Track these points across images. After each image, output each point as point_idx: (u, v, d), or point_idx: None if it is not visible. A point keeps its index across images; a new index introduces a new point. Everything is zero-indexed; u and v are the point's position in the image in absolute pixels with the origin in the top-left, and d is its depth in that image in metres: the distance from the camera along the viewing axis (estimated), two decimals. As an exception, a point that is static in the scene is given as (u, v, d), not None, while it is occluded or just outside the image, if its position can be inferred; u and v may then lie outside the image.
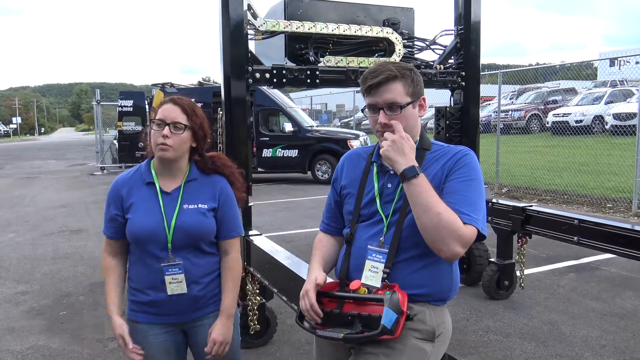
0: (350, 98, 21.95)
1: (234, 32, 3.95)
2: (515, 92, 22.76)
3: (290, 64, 4.36)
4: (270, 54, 4.59)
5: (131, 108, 16.61)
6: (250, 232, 3.82)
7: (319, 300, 1.70)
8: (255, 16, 4.12)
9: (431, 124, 5.73)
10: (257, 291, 3.73)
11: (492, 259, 4.84)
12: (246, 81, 4.02)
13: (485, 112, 19.38)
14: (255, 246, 3.54)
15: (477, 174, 1.70)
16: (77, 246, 7.13)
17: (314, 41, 4.39)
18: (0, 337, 4.14)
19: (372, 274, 1.70)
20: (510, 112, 19.37)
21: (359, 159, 1.91)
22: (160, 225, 1.99)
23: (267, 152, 13.68)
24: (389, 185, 1.76)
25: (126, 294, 2.11)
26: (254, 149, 13.88)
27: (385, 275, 1.67)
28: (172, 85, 14.29)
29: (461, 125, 4.95)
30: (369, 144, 2.65)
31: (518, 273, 4.73)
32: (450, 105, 5.06)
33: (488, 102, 21.40)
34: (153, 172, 2.07)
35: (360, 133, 14.83)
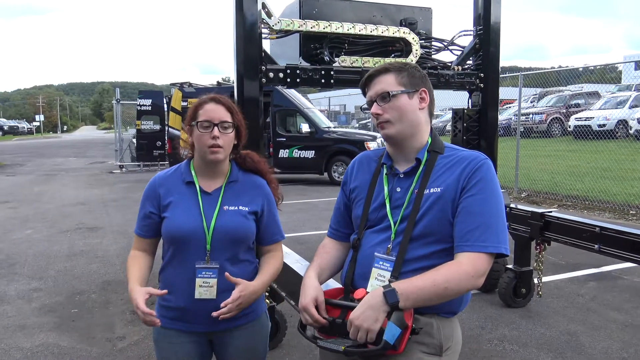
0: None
1: (248, 31, 3.90)
2: (537, 96, 22.41)
3: (304, 64, 4.31)
4: (288, 53, 4.54)
5: (150, 107, 16.74)
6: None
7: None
8: (269, 15, 4.07)
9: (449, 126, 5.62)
10: (267, 294, 3.67)
11: (509, 266, 4.71)
12: (259, 81, 3.98)
13: (505, 115, 19.15)
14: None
15: (495, 186, 1.62)
16: (92, 244, 7.16)
17: (329, 41, 4.32)
18: (11, 334, 4.14)
19: (379, 282, 1.62)
20: (531, 116, 19.08)
21: (370, 161, 1.83)
22: (200, 225, 1.91)
23: (283, 153, 13.65)
24: (398, 189, 1.69)
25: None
26: (271, 149, 13.86)
27: None
28: (190, 84, 14.33)
29: (479, 128, 4.83)
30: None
31: (536, 280, 4.60)
32: (468, 108, 4.95)
33: (509, 105, 21.11)
34: (193, 172, 2.00)
35: (378, 135, 14.72)
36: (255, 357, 2.10)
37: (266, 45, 4.42)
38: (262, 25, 4.04)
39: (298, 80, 4.15)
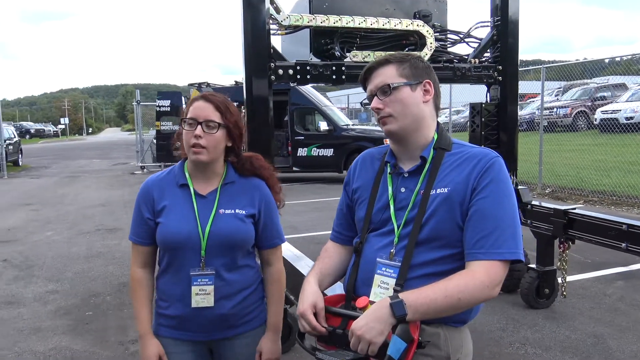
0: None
1: (256, 28, 3.81)
2: (561, 89, 21.88)
3: (315, 60, 4.20)
4: (300, 50, 4.44)
5: (169, 108, 16.85)
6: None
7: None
8: (278, 10, 3.98)
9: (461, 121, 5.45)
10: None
11: (532, 265, 4.53)
12: (268, 78, 3.89)
13: (529, 110, 18.73)
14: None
15: (508, 187, 1.49)
16: (110, 245, 7.18)
17: (340, 36, 4.21)
18: (25, 337, 4.14)
19: (382, 290, 1.51)
20: (555, 109, 18.62)
21: (373, 160, 1.72)
22: (194, 230, 1.82)
23: (302, 151, 13.57)
24: (403, 190, 1.57)
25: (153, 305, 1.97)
26: (289, 148, 13.82)
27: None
28: (208, 84, 14.38)
29: (498, 122, 4.67)
30: None
31: (560, 280, 4.41)
32: (486, 102, 4.78)
33: (532, 99, 20.63)
34: (187, 173, 1.91)
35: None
36: None
37: (278, 42, 4.33)
38: (271, 21, 3.95)
39: (308, 76, 4.05)
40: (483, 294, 1.41)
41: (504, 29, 4.55)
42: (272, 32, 3.97)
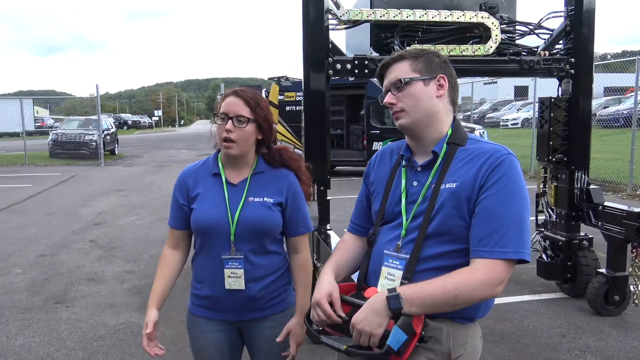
0: (477, 90, 20.88)
1: (314, 23, 3.89)
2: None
3: (374, 54, 4.21)
4: (362, 44, 4.46)
5: (249, 101, 17.36)
6: (324, 228, 3.76)
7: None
8: (338, 5, 4.02)
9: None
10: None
11: (601, 270, 4.28)
12: (326, 72, 3.95)
13: (627, 105, 17.39)
14: (324, 243, 3.46)
15: (518, 185, 1.46)
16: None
17: (401, 29, 4.18)
18: (101, 311, 4.52)
19: (388, 281, 1.53)
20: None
21: (392, 153, 1.73)
22: (224, 216, 1.95)
23: (377, 145, 13.50)
24: (415, 183, 1.58)
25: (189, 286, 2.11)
26: (364, 142, 13.82)
27: None
28: (287, 78, 14.66)
29: (569, 118, 4.43)
30: (486, 138, 2.41)
31: (632, 288, 4.13)
32: (558, 96, 4.55)
33: (632, 94, 19.12)
34: (220, 163, 2.04)
35: (477, 127, 14.11)
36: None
37: (341, 36, 4.38)
38: (330, 17, 4.01)
39: (366, 71, 4.07)
40: (482, 292, 1.40)
41: (578, 19, 4.31)
42: (331, 27, 4.03)
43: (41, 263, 6.00)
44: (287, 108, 13.88)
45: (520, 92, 32.03)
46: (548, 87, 14.27)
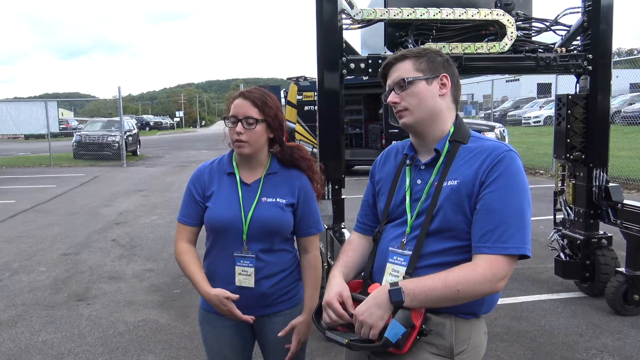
0: (499, 87, 20.58)
1: (328, 23, 3.91)
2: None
3: (388, 53, 4.21)
4: (377, 43, 4.47)
5: (268, 101, 17.42)
6: (338, 227, 3.78)
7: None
8: (351, 5, 4.04)
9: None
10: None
11: (620, 269, 4.22)
12: (340, 72, 3.97)
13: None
14: (337, 242, 3.49)
15: (519, 181, 1.47)
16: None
17: (415, 28, 4.18)
18: (121, 309, 4.61)
19: (393, 278, 1.55)
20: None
21: (397, 153, 1.76)
22: (238, 216, 1.99)
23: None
24: (419, 182, 1.60)
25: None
26: (383, 141, 13.78)
27: None
28: (305, 78, 14.70)
29: (587, 115, 4.37)
30: (506, 138, 2.42)
31: (652, 287, 4.06)
32: (576, 93, 4.50)
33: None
34: (234, 163, 2.08)
35: (497, 125, 13.91)
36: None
37: (356, 35, 4.39)
38: (344, 16, 4.02)
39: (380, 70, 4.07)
40: (484, 287, 1.41)
41: (596, 15, 4.26)
42: (345, 26, 4.05)
43: (64, 261, 6.14)
44: (306, 108, 13.91)
45: (544, 90, 31.52)
46: (570, 84, 14.10)
